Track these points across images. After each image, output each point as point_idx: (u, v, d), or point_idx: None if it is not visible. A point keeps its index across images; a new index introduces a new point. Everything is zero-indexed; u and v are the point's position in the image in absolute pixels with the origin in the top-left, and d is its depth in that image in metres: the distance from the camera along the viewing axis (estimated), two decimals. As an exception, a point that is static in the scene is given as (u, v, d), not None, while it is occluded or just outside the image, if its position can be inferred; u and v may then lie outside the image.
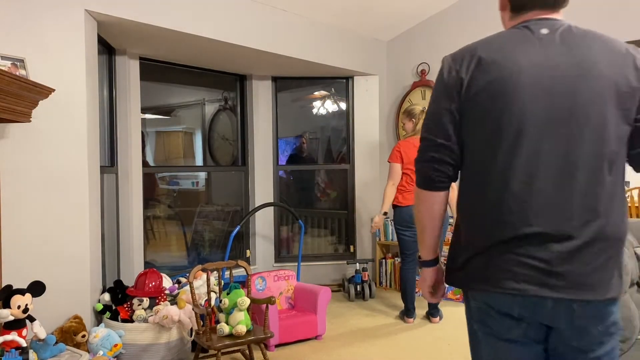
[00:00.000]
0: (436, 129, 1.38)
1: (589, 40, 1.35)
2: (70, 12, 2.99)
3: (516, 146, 1.28)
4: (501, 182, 1.29)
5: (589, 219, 1.26)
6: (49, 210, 2.92)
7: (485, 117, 1.31)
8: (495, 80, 1.30)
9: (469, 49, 1.38)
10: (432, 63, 5.09)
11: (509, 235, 1.28)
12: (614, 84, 1.27)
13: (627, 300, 2.21)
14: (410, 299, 4.06)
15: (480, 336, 1.39)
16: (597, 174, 1.27)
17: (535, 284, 1.27)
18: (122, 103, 4.02)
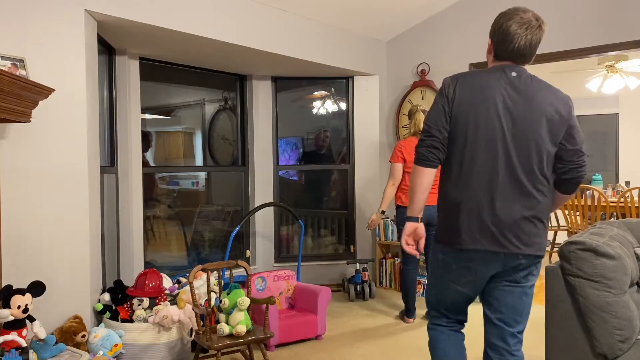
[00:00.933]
0: (435, 126, 1.99)
1: (539, 86, 1.98)
2: (70, 12, 2.99)
3: (477, 147, 1.95)
4: (462, 172, 1.97)
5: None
6: (49, 210, 2.92)
7: (459, 124, 1.96)
8: (468, 100, 1.95)
9: (462, 75, 2.04)
10: (432, 63, 5.09)
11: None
12: (549, 114, 1.93)
13: (627, 301, 2.21)
14: (412, 299, 4.07)
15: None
16: (537, 175, 1.94)
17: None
18: (122, 103, 4.02)
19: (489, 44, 2.06)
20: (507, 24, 1.95)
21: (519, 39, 1.94)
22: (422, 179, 2.01)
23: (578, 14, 4.28)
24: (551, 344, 2.36)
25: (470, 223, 1.95)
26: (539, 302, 4.62)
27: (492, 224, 1.93)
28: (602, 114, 7.59)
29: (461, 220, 1.96)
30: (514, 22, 1.94)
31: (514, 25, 1.94)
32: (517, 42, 1.94)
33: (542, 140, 1.92)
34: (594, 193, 5.54)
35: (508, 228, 1.93)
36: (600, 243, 2.21)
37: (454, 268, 2.04)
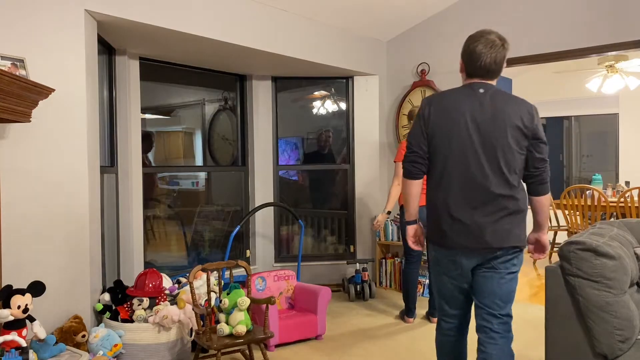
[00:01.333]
0: (416, 144, 2.31)
1: (504, 98, 2.26)
2: (70, 12, 2.99)
3: (452, 160, 2.23)
4: (443, 182, 2.26)
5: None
6: (49, 210, 2.92)
7: (436, 140, 2.26)
8: (441, 119, 2.26)
9: (435, 96, 2.35)
10: (432, 63, 5.09)
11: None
12: (513, 124, 2.20)
13: (627, 301, 2.20)
14: (412, 299, 4.07)
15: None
16: (506, 179, 2.21)
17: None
18: (122, 103, 4.02)
19: (460, 64, 2.35)
20: (473, 45, 2.24)
21: (485, 57, 2.22)
22: (411, 189, 2.37)
23: (578, 14, 4.28)
24: (551, 344, 2.35)
25: (451, 225, 2.24)
26: (539, 302, 4.62)
27: (470, 225, 2.21)
28: (602, 114, 7.58)
29: (444, 223, 2.26)
30: (479, 43, 2.23)
31: (479, 45, 2.22)
32: (483, 60, 2.23)
33: (509, 148, 2.20)
34: (594, 193, 5.54)
35: (484, 227, 2.21)
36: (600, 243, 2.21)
37: (444, 262, 2.34)
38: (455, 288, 2.36)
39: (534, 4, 4.50)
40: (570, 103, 7.71)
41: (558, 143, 8.25)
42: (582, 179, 7.97)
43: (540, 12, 4.47)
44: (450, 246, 2.27)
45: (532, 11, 4.50)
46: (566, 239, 2.59)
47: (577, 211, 5.74)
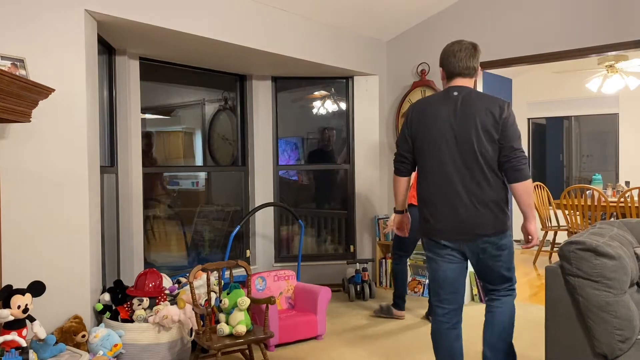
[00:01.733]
0: (401, 146, 2.67)
1: (476, 98, 2.51)
2: (70, 12, 2.99)
3: (432, 159, 2.53)
4: (427, 179, 2.57)
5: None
6: (49, 210, 2.93)
7: (417, 143, 2.58)
8: (419, 124, 2.57)
9: (416, 103, 2.67)
10: (432, 63, 5.09)
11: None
12: (483, 120, 2.44)
13: (627, 301, 2.20)
14: (405, 291, 4.18)
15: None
16: (483, 171, 2.46)
17: None
18: (122, 103, 4.02)
19: (441, 72, 2.67)
20: (450, 49, 2.61)
21: (460, 54, 2.56)
22: (400, 184, 2.72)
23: (578, 14, 4.28)
24: (551, 344, 2.36)
25: (437, 219, 2.53)
26: (539, 302, 4.62)
27: (453, 218, 2.49)
28: (602, 114, 7.58)
29: (431, 217, 2.56)
30: (454, 46, 2.61)
31: (454, 47, 2.60)
32: (458, 59, 2.56)
33: (480, 143, 2.44)
34: (594, 193, 5.54)
35: (465, 219, 2.47)
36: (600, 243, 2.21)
37: (435, 251, 2.60)
38: (445, 274, 2.59)
39: (533, 4, 4.50)
40: (570, 103, 7.71)
41: (558, 143, 8.25)
42: (582, 179, 7.98)
43: (540, 12, 4.47)
44: (437, 239, 2.55)
45: (532, 11, 4.50)
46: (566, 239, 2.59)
47: (577, 211, 5.74)
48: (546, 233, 6.30)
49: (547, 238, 6.50)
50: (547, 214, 6.37)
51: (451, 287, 2.59)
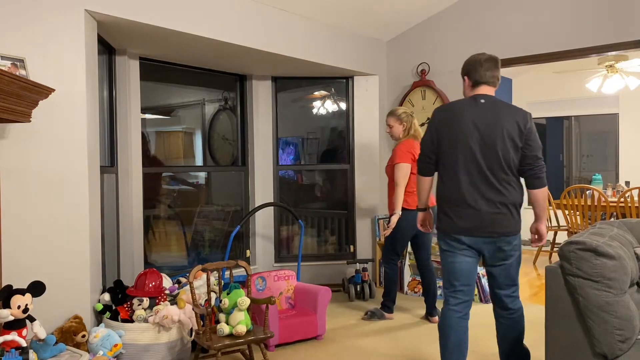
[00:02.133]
0: (426, 148, 2.80)
1: (502, 106, 2.69)
2: (70, 12, 2.99)
3: (459, 160, 2.66)
4: (452, 179, 2.70)
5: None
6: (49, 210, 2.93)
7: (444, 144, 2.72)
8: (447, 127, 2.71)
9: (442, 107, 2.84)
10: (432, 63, 5.09)
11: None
12: (509, 128, 2.62)
13: (627, 301, 2.20)
14: (394, 296, 4.23)
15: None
16: (505, 175, 2.64)
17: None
18: (122, 103, 4.02)
19: (466, 80, 2.81)
20: (477, 59, 2.78)
21: (486, 67, 2.74)
22: (424, 183, 2.89)
23: (578, 14, 4.28)
24: (551, 344, 2.35)
25: (460, 217, 2.67)
26: (539, 302, 4.62)
27: (474, 216, 2.64)
28: (602, 114, 7.58)
29: (454, 215, 2.68)
30: (480, 56, 2.78)
31: (480, 57, 2.78)
32: (485, 68, 2.74)
33: (505, 149, 2.62)
34: (594, 193, 5.54)
35: (486, 218, 2.63)
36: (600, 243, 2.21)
37: (453, 246, 2.73)
38: (461, 266, 2.74)
39: (533, 4, 4.50)
40: (570, 103, 7.71)
41: (558, 143, 8.25)
42: (582, 179, 7.97)
43: (540, 12, 4.47)
44: (457, 236, 2.69)
45: (532, 11, 4.50)
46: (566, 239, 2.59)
47: (577, 211, 5.74)
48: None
49: (547, 238, 6.50)
50: (547, 214, 6.37)
51: (466, 279, 2.74)
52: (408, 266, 5.02)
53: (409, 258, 5.02)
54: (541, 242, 2.79)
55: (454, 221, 2.68)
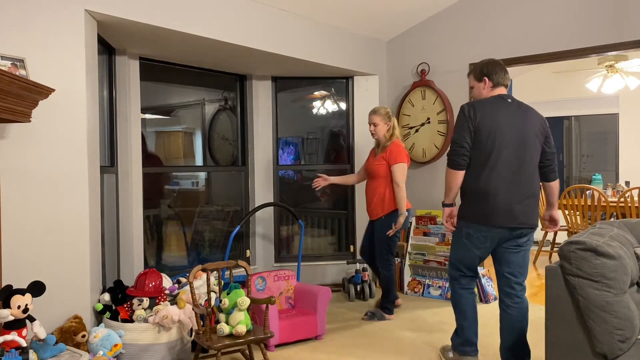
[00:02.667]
0: (463, 140, 2.86)
1: (526, 108, 2.99)
2: (70, 12, 2.99)
3: (496, 154, 2.83)
4: (488, 171, 2.84)
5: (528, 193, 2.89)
6: (49, 210, 2.92)
7: (482, 138, 2.84)
8: (487, 121, 2.84)
9: (478, 102, 2.95)
10: (432, 63, 5.09)
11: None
12: (536, 128, 2.92)
13: (627, 300, 2.20)
14: (395, 295, 4.29)
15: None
16: (532, 169, 2.90)
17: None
18: (122, 103, 4.02)
19: (485, 84, 3.00)
20: (498, 63, 3.04)
21: (505, 70, 3.02)
22: (458, 178, 2.91)
23: (578, 14, 4.28)
24: (551, 344, 2.36)
25: (491, 206, 2.82)
26: (539, 302, 4.62)
27: (506, 206, 2.81)
28: (602, 114, 7.58)
29: (486, 205, 2.83)
30: (498, 61, 3.06)
31: (498, 61, 3.07)
32: (505, 71, 3.02)
33: (534, 146, 2.90)
34: (594, 193, 5.54)
35: (518, 209, 2.83)
36: (600, 243, 2.21)
37: (476, 237, 2.91)
38: (476, 257, 2.98)
39: (533, 4, 4.50)
40: (570, 103, 7.71)
41: (558, 143, 8.22)
42: (582, 179, 7.97)
43: (540, 12, 4.47)
44: (486, 225, 2.85)
45: (532, 11, 4.50)
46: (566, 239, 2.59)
47: (577, 211, 5.74)
48: (546, 233, 6.30)
49: (547, 238, 6.50)
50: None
51: (476, 268, 3.06)
52: (408, 266, 5.02)
53: (409, 258, 5.02)
54: (557, 226, 3.13)
55: (486, 213, 2.84)
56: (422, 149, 5.14)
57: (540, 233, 6.77)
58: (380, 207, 4.11)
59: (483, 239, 2.90)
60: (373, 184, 4.14)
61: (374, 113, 4.18)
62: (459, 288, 3.09)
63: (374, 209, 4.14)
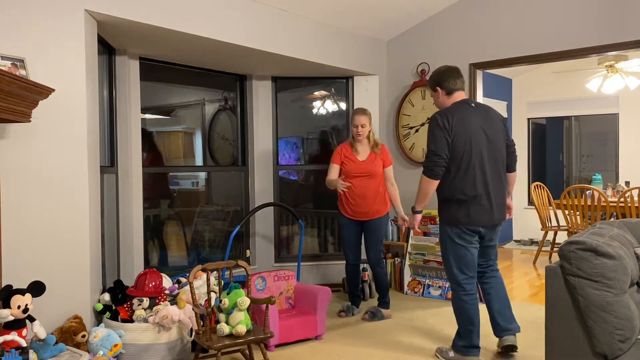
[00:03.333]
0: (443, 151, 2.98)
1: (487, 107, 3.20)
2: (70, 12, 2.99)
3: (475, 159, 3.01)
4: (470, 176, 3.03)
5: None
6: (49, 210, 2.92)
7: (459, 146, 2.99)
8: (460, 129, 2.99)
9: (450, 110, 3.07)
10: (432, 63, 5.08)
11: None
12: (499, 126, 3.15)
13: (627, 300, 2.21)
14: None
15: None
16: (503, 166, 3.15)
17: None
18: (122, 103, 4.02)
19: (438, 92, 3.17)
20: (450, 70, 3.18)
21: (460, 75, 3.17)
22: (433, 187, 3.06)
23: (578, 14, 4.28)
24: (551, 343, 2.36)
25: (476, 210, 3.02)
26: (539, 302, 4.62)
27: (488, 207, 3.05)
28: (602, 114, 7.58)
29: (471, 208, 3.01)
30: (451, 67, 3.20)
31: (451, 67, 3.20)
32: (460, 76, 3.16)
33: (502, 144, 3.14)
34: (594, 193, 5.54)
35: (496, 208, 3.08)
36: (600, 243, 2.21)
37: (466, 237, 3.08)
38: (472, 253, 3.13)
39: (533, 4, 4.50)
40: (570, 103, 7.71)
41: (558, 143, 8.25)
42: (582, 179, 7.97)
43: (540, 12, 4.47)
44: (473, 226, 3.04)
45: (532, 11, 4.50)
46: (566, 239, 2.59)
47: (577, 211, 5.74)
48: (546, 233, 6.30)
49: (547, 238, 6.50)
50: (547, 214, 6.37)
51: (475, 266, 3.17)
52: (408, 266, 5.02)
53: (409, 258, 5.02)
54: (511, 214, 3.33)
55: (471, 215, 3.02)
56: (422, 149, 5.14)
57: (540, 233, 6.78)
58: (383, 205, 4.16)
59: (470, 238, 3.08)
60: (373, 184, 4.13)
61: (363, 114, 4.17)
62: (463, 295, 3.13)
63: (377, 208, 4.14)
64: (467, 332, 3.15)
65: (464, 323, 3.15)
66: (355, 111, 4.22)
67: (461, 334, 3.18)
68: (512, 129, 8.01)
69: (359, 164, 4.14)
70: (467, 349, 3.16)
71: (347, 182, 4.07)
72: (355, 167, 4.14)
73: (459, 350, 3.18)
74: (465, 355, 3.16)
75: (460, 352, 3.17)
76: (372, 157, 4.15)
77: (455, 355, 3.20)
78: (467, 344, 3.15)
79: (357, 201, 4.11)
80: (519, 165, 7.98)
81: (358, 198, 4.11)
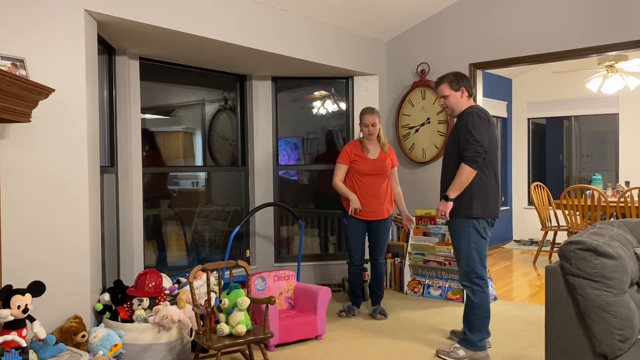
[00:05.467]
0: (485, 142, 3.16)
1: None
2: (70, 12, 2.99)
3: (494, 157, 3.28)
4: (492, 172, 3.30)
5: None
6: (49, 210, 2.92)
7: (490, 143, 3.22)
8: (491, 128, 3.25)
9: (480, 109, 3.29)
10: (432, 63, 5.09)
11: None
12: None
13: (627, 300, 2.20)
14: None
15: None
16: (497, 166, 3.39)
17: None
18: (122, 103, 4.02)
19: (461, 93, 3.32)
20: (463, 74, 3.41)
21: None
22: (472, 177, 3.18)
23: (578, 14, 4.28)
24: (551, 343, 2.36)
25: (495, 203, 3.26)
26: (539, 302, 4.62)
27: (499, 201, 3.31)
28: (602, 114, 7.58)
29: (493, 202, 3.24)
30: (458, 72, 3.45)
31: (458, 72, 3.45)
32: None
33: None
34: (594, 193, 5.54)
35: (500, 201, 3.36)
36: (600, 243, 2.21)
37: (488, 231, 3.27)
38: (487, 245, 3.31)
39: (533, 4, 4.50)
40: (570, 103, 7.71)
41: (558, 143, 8.25)
42: (582, 179, 7.97)
43: (540, 12, 4.47)
44: (494, 217, 3.28)
45: (532, 11, 4.50)
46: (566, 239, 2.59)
47: (577, 211, 5.74)
48: (546, 233, 6.30)
49: (547, 238, 6.50)
50: (547, 214, 6.37)
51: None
52: (408, 266, 5.02)
53: (409, 258, 5.02)
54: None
55: (492, 207, 3.24)
56: (422, 149, 5.14)
57: (540, 233, 6.78)
58: (391, 205, 4.22)
59: (488, 229, 3.29)
60: (383, 183, 4.13)
61: (373, 113, 4.13)
62: (485, 288, 3.27)
63: (387, 207, 4.16)
64: (484, 325, 3.26)
65: (482, 316, 3.24)
66: (364, 111, 4.16)
67: (478, 327, 3.25)
68: (512, 129, 8.01)
69: (371, 162, 4.12)
70: (483, 342, 3.26)
71: (358, 180, 4.10)
72: (366, 165, 4.11)
73: (475, 346, 3.23)
74: (482, 350, 3.24)
75: (475, 348, 3.23)
76: (383, 156, 4.15)
77: (467, 352, 3.23)
78: (482, 336, 3.25)
79: (369, 200, 4.08)
80: (519, 165, 8.10)
81: (370, 197, 4.08)
